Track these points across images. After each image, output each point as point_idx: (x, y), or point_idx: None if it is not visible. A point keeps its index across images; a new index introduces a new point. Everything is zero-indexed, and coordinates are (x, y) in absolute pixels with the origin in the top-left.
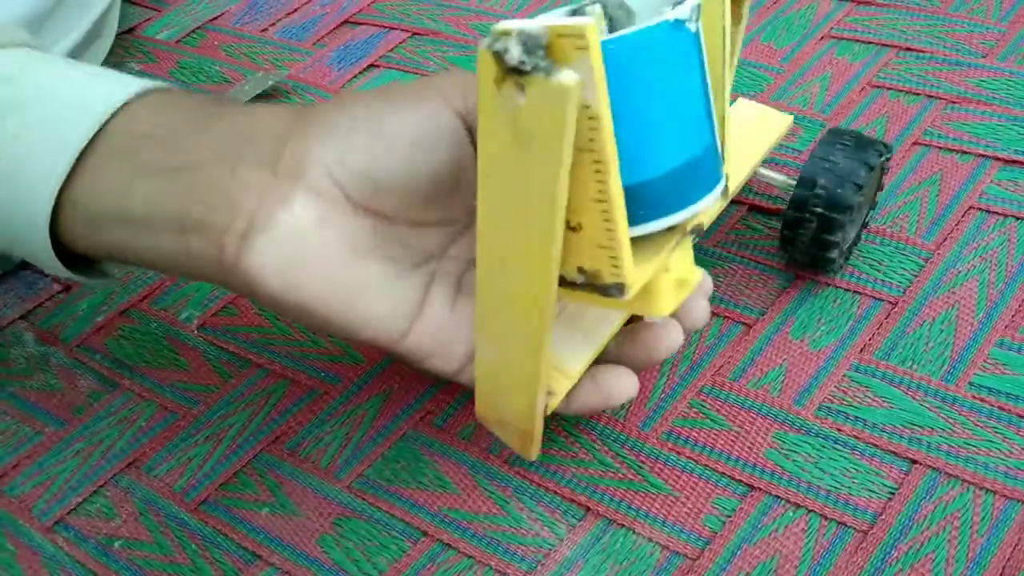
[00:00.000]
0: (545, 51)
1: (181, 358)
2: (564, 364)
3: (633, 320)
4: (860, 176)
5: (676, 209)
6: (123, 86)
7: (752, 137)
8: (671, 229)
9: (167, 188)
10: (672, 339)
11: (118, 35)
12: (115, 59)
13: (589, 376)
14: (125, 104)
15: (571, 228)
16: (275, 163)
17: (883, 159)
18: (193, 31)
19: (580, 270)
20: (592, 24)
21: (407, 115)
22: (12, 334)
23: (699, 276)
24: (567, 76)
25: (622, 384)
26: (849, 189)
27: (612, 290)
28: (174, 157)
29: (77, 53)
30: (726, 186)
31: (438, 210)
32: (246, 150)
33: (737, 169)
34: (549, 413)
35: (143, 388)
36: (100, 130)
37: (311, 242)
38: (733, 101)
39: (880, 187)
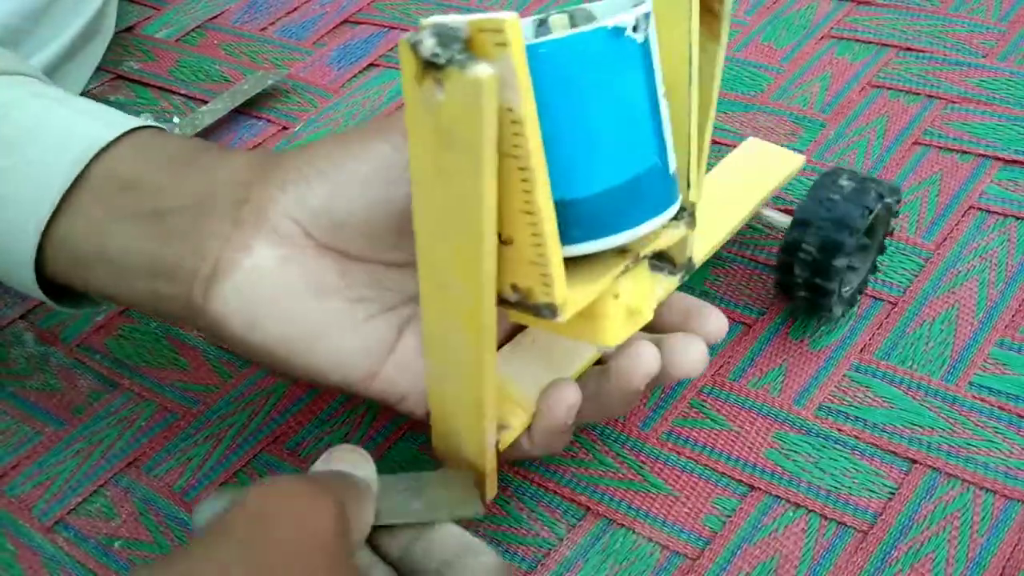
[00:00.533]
0: (464, 45)
1: (181, 358)
2: (525, 398)
3: (602, 361)
4: (856, 219)
5: (615, 230)
6: (107, 125)
7: (758, 175)
8: (622, 252)
9: (140, 234)
10: (642, 365)
11: (117, 33)
12: (114, 57)
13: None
14: (108, 145)
15: (503, 241)
16: (239, 209)
17: (885, 201)
18: (193, 30)
19: (514, 287)
20: (513, 19)
21: (362, 156)
22: (12, 334)
23: (652, 308)
24: (481, 69)
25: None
26: (845, 233)
27: (544, 311)
28: (149, 203)
29: (74, 51)
30: (690, 213)
31: (409, 250)
32: (214, 198)
33: (738, 206)
34: (503, 448)
35: (143, 388)
36: (82, 172)
37: (273, 282)
38: (744, 138)
39: (890, 231)
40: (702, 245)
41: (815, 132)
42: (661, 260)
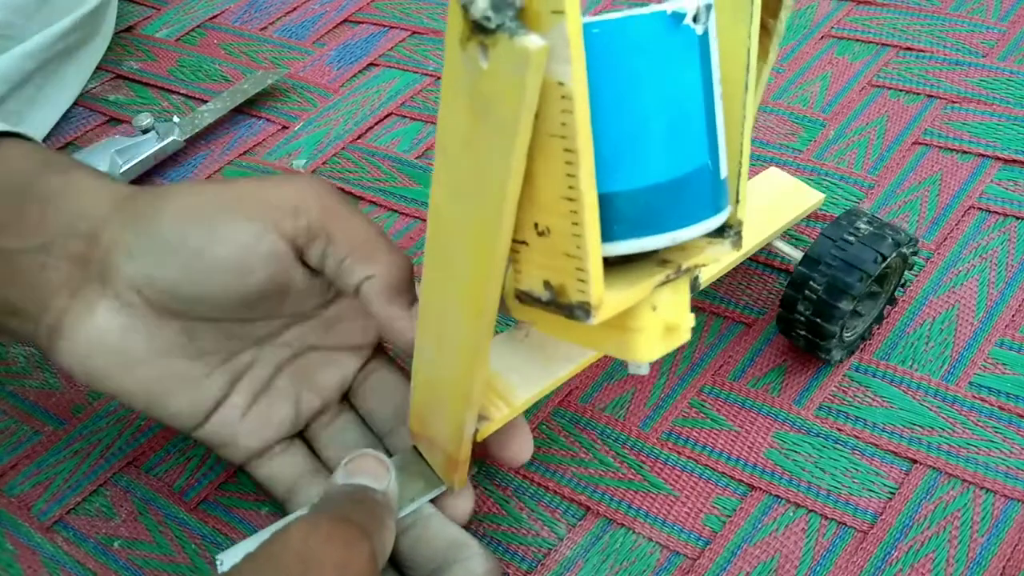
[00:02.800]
0: (517, 13)
1: None
2: (510, 392)
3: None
4: (869, 264)
5: (658, 230)
6: None
7: (774, 207)
8: (663, 263)
9: None
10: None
11: (117, 33)
12: (114, 57)
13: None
14: None
15: (539, 233)
16: (83, 268)
17: (900, 251)
18: (192, 29)
19: (546, 284)
20: None
21: (224, 242)
22: None
23: (690, 327)
24: (532, 40)
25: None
26: (855, 277)
27: (577, 311)
28: None
29: (73, 50)
30: (736, 232)
31: (263, 311)
32: (55, 247)
33: (753, 233)
34: (480, 439)
35: None
36: None
37: (115, 347)
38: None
39: (903, 283)
40: (708, 268)
41: (815, 132)
42: None
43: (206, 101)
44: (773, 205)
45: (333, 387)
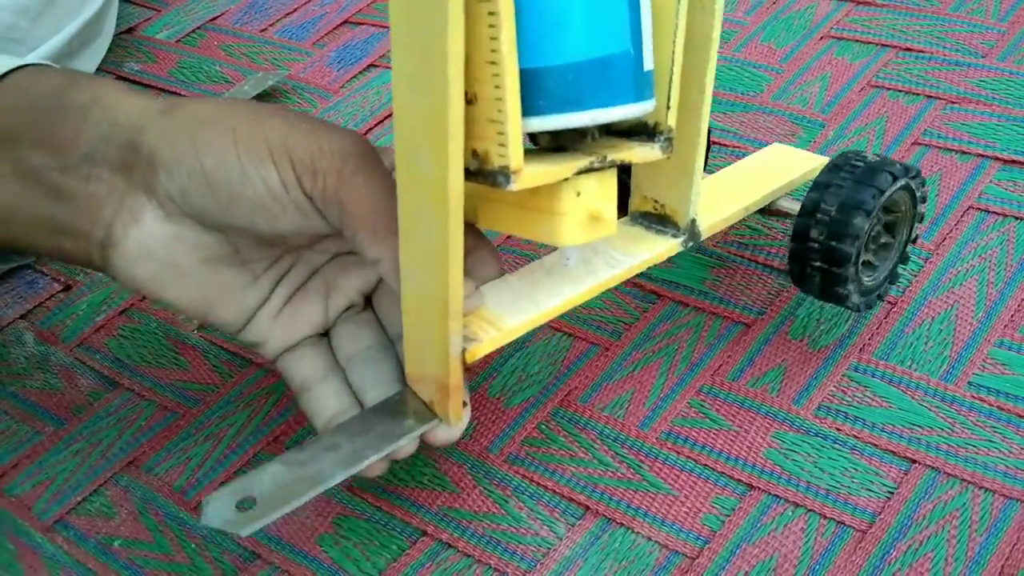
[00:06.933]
0: None
1: (181, 358)
2: (499, 319)
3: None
4: (868, 202)
5: (579, 107)
6: None
7: (778, 167)
8: (591, 153)
9: (27, 194)
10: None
11: (118, 34)
12: (115, 58)
13: None
14: None
15: (468, 101)
16: (128, 170)
17: (899, 184)
18: (193, 31)
19: (474, 153)
20: None
21: (254, 184)
22: (12, 333)
23: (615, 218)
24: None
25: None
26: (857, 216)
27: (499, 176)
28: (26, 160)
29: (74, 52)
30: (666, 138)
31: (297, 239)
32: (101, 149)
33: (753, 189)
34: (471, 362)
35: (143, 388)
36: None
37: (163, 259)
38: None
39: (919, 217)
40: (710, 216)
41: (815, 132)
42: (664, 224)
43: None
44: (777, 166)
45: (358, 288)
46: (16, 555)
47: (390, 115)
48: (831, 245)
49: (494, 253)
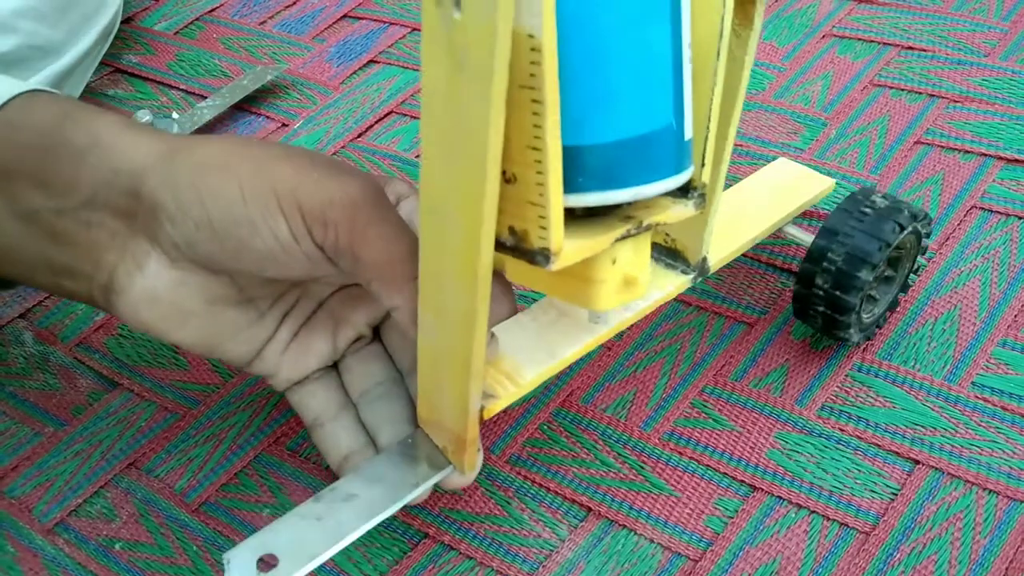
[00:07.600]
0: None
1: (181, 358)
2: (516, 372)
3: None
4: (875, 255)
5: (621, 184)
6: None
7: (785, 192)
8: (626, 219)
9: (26, 233)
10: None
11: None
12: (113, 51)
13: None
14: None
15: (507, 180)
16: (130, 217)
17: (915, 225)
18: (191, 22)
19: (511, 230)
20: None
21: (263, 237)
22: (11, 333)
23: (648, 282)
24: None
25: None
26: (863, 269)
27: (539, 256)
28: (25, 201)
29: (94, 55)
30: (700, 194)
31: (291, 266)
32: (101, 195)
33: (760, 218)
34: (487, 417)
35: (143, 388)
36: None
37: (168, 303)
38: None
39: (923, 250)
40: (719, 250)
41: (817, 131)
42: (675, 259)
43: (205, 96)
44: (784, 190)
45: (366, 321)
46: (17, 558)
47: (390, 112)
48: (835, 295)
49: (509, 291)
